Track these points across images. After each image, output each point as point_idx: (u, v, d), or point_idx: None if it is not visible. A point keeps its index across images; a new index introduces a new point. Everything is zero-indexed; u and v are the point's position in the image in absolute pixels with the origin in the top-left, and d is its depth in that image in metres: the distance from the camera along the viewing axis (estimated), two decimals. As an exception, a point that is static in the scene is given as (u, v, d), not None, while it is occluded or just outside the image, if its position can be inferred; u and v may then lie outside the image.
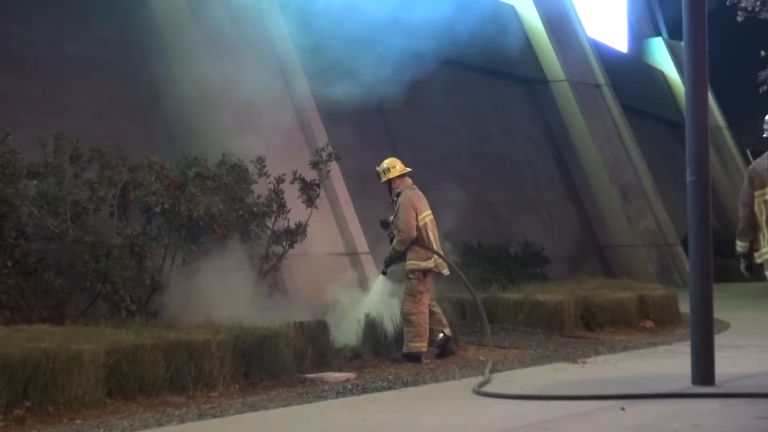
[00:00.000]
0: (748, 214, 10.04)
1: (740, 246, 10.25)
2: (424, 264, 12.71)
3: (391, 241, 12.90)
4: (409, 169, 13.20)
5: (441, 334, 12.88)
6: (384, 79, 20.57)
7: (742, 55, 28.96)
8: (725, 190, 40.00)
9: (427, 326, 12.71)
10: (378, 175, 13.19)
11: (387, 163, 13.19)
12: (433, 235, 12.84)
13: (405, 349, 12.67)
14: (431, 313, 12.91)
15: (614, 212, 28.66)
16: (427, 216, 12.86)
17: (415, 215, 12.68)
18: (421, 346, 12.62)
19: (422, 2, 20.76)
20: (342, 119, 18.36)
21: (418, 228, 12.67)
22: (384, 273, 13.34)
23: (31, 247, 11.16)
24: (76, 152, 12.14)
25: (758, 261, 10.05)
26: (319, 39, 18.69)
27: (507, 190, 25.32)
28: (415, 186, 13.09)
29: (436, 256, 12.77)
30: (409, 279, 12.75)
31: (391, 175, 13.08)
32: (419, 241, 12.70)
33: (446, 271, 13.06)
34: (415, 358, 12.55)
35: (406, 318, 12.70)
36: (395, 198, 12.95)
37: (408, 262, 12.78)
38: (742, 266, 10.33)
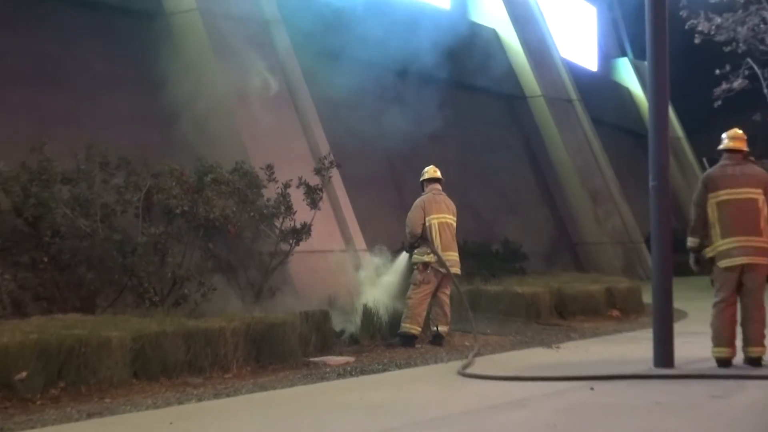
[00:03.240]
0: (700, 214, 10.29)
1: (691, 242, 10.59)
2: (424, 258, 12.78)
3: None
4: (437, 176, 13.28)
5: (435, 329, 12.92)
6: (380, 96, 20.64)
7: (699, 73, 28.96)
8: (684, 194, 39.94)
9: (422, 312, 12.74)
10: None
11: (426, 169, 13.44)
12: (438, 236, 12.78)
13: (400, 329, 12.74)
14: (440, 305, 12.97)
15: (584, 213, 28.67)
16: (435, 218, 12.82)
17: (422, 215, 12.79)
18: (411, 328, 12.64)
19: (416, 28, 20.80)
20: (343, 132, 18.34)
21: (423, 227, 12.75)
22: (407, 251, 13.41)
23: (65, 245, 11.16)
24: (105, 160, 12.14)
25: (710, 255, 10.28)
26: (323, 59, 18.70)
27: (489, 193, 25.33)
28: (440, 192, 13.18)
29: (441, 253, 12.73)
30: (413, 270, 12.93)
31: (421, 179, 13.39)
32: (424, 239, 12.79)
33: (455, 270, 13.04)
34: (408, 342, 12.56)
35: (406, 302, 12.83)
36: (421, 196, 13.17)
37: (413, 256, 12.94)
38: (691, 260, 10.61)
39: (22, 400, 8.44)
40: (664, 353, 10.39)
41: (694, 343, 12.01)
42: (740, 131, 10.70)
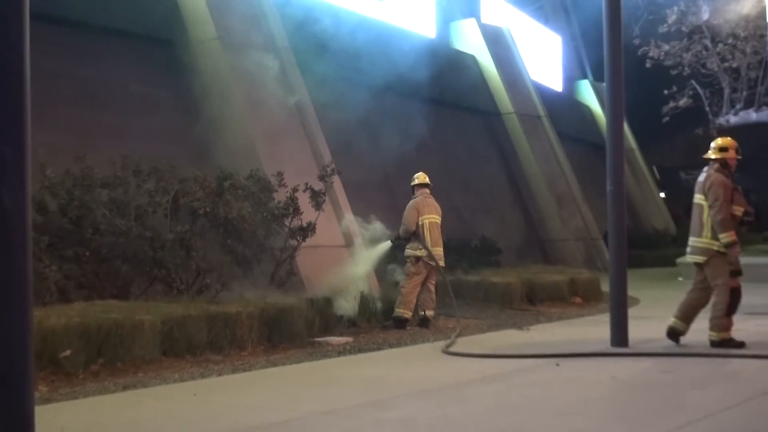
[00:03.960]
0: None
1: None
2: (416, 253, 12.89)
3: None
4: (426, 182, 13.42)
5: (423, 313, 12.97)
6: (375, 112, 20.64)
7: (650, 93, 29.04)
8: (636, 198, 40.13)
9: (413, 299, 12.82)
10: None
11: (416, 176, 13.57)
12: (429, 234, 12.91)
13: (394, 313, 12.79)
14: (428, 292, 13.07)
15: (551, 214, 28.67)
16: (427, 219, 12.95)
17: (416, 215, 12.92)
18: (403, 312, 12.70)
19: (406, 54, 20.81)
20: (342, 143, 18.35)
21: (417, 225, 12.86)
22: (392, 241, 13.65)
23: (103, 241, 11.16)
24: (138, 168, 12.14)
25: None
26: (326, 81, 18.70)
27: (469, 196, 25.33)
28: (429, 195, 13.31)
29: (431, 248, 12.88)
30: (406, 262, 13.02)
31: (412, 183, 13.53)
32: (416, 236, 12.88)
33: (441, 263, 13.14)
34: (400, 324, 12.58)
35: (399, 290, 12.93)
36: (412, 199, 13.28)
37: (406, 250, 13.05)
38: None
39: (66, 375, 8.45)
40: (619, 334, 10.43)
41: (645, 326, 12.05)
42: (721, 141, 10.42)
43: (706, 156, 10.20)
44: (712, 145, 10.24)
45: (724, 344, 9.78)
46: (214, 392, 7.94)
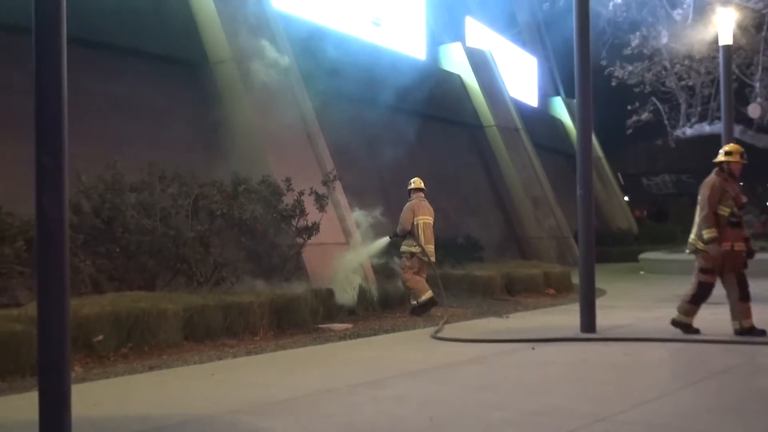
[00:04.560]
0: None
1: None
2: (411, 249, 12.98)
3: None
4: (421, 186, 13.45)
5: (415, 303, 12.99)
6: (371, 125, 20.65)
7: (615, 108, 29.07)
8: (603, 200, 40.19)
9: (422, 284, 12.92)
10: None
11: (412, 180, 13.57)
12: (423, 233, 12.97)
13: (416, 302, 12.84)
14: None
15: (527, 215, 28.69)
16: (421, 219, 13.01)
17: (411, 216, 13.01)
18: (426, 296, 12.80)
19: (399, 74, 20.83)
20: (343, 152, 18.36)
21: (412, 225, 12.95)
22: (390, 237, 13.80)
23: (132, 238, 11.14)
24: (163, 174, 12.12)
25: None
26: (328, 97, 18.71)
27: (454, 200, 25.31)
28: (423, 198, 13.33)
29: (425, 245, 12.96)
30: (402, 257, 13.15)
31: (409, 188, 13.54)
32: (412, 234, 12.96)
33: (433, 259, 13.17)
34: (429, 304, 12.74)
35: (406, 285, 13.06)
36: (408, 201, 13.31)
37: (402, 246, 13.16)
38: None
39: (99, 357, 8.46)
40: (588, 321, 10.43)
41: (611, 314, 12.08)
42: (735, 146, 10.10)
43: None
44: (720, 150, 10.04)
45: (682, 327, 9.81)
46: (229, 373, 7.94)
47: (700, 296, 9.71)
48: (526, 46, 39.84)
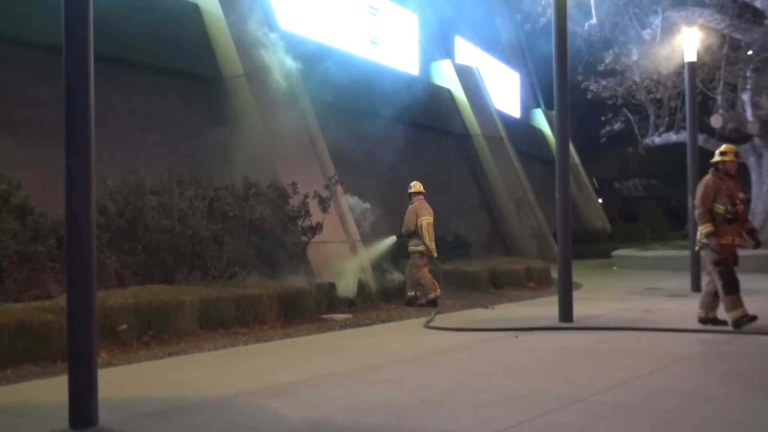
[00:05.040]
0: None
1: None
2: (419, 248, 13.10)
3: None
4: (421, 190, 13.57)
5: (412, 294, 13.04)
6: (370, 135, 20.65)
7: (590, 118, 29.09)
8: (579, 203, 40.22)
9: (432, 282, 13.03)
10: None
11: (412, 184, 13.70)
12: (427, 232, 13.12)
13: (424, 299, 12.94)
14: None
15: (511, 216, 28.69)
16: (425, 220, 13.16)
17: (415, 217, 13.14)
18: (435, 294, 12.92)
19: (395, 88, 20.87)
20: (344, 159, 18.36)
21: (417, 225, 13.07)
22: (396, 237, 13.99)
23: (153, 237, 11.13)
24: (181, 179, 12.12)
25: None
26: (331, 110, 18.73)
27: (445, 202, 25.16)
28: (423, 200, 13.44)
29: (428, 243, 13.09)
30: (411, 256, 13.20)
31: (410, 191, 13.64)
32: (417, 234, 13.08)
33: (435, 255, 13.29)
34: (433, 304, 12.74)
35: (417, 282, 13.12)
36: (410, 204, 13.42)
37: (410, 246, 13.26)
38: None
39: (123, 345, 8.47)
40: (566, 312, 10.47)
41: (586, 306, 12.10)
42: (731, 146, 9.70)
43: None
44: (715, 151, 9.67)
45: (738, 322, 9.18)
46: (241, 358, 7.95)
47: (730, 284, 9.20)
48: (510, 62, 39.82)
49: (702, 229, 9.28)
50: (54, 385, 6.40)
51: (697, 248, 9.59)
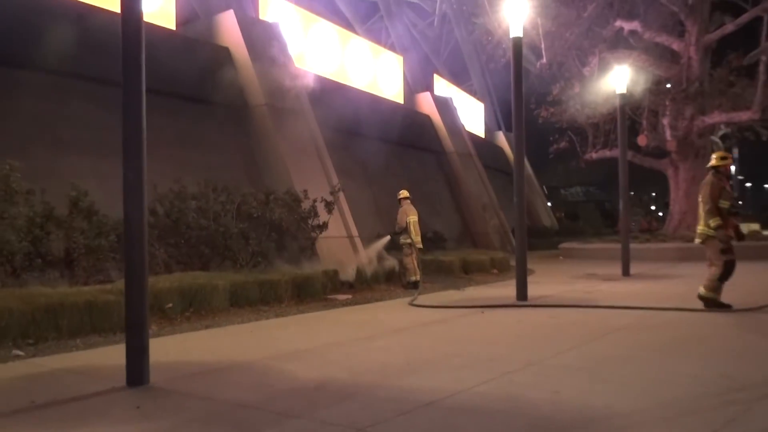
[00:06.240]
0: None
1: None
2: (407, 240, 13.12)
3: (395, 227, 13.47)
4: (408, 195, 13.57)
5: (412, 278, 13.04)
6: (365, 152, 20.63)
7: (541, 138, 29.19)
8: (533, 205, 40.23)
9: (415, 267, 12.99)
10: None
11: (401, 192, 13.70)
12: (414, 228, 13.10)
13: (407, 281, 12.94)
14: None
15: (479, 216, 28.66)
16: (412, 219, 13.14)
17: (405, 217, 13.15)
18: (415, 278, 12.89)
19: (384, 115, 20.85)
20: (345, 171, 18.35)
21: (406, 223, 13.10)
22: (391, 235, 14.08)
23: (193, 233, 11.11)
24: (215, 187, 12.09)
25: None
26: (336, 132, 18.70)
27: (425, 205, 25.15)
28: (410, 204, 13.43)
29: (414, 237, 13.10)
30: (402, 246, 13.20)
31: (399, 197, 13.60)
32: (406, 230, 13.12)
33: (420, 246, 13.27)
34: (414, 286, 12.71)
35: (403, 265, 13.18)
36: (400, 207, 13.40)
37: (400, 239, 13.26)
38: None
39: (169, 319, 8.45)
40: (522, 293, 10.43)
41: (539, 287, 12.11)
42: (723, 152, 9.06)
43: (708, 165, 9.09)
44: (712, 156, 8.99)
45: (709, 303, 8.79)
46: (263, 330, 7.94)
47: (726, 274, 8.67)
48: (477, 94, 39.89)
49: (712, 222, 8.59)
50: (114, 352, 6.38)
51: (698, 241, 8.83)
